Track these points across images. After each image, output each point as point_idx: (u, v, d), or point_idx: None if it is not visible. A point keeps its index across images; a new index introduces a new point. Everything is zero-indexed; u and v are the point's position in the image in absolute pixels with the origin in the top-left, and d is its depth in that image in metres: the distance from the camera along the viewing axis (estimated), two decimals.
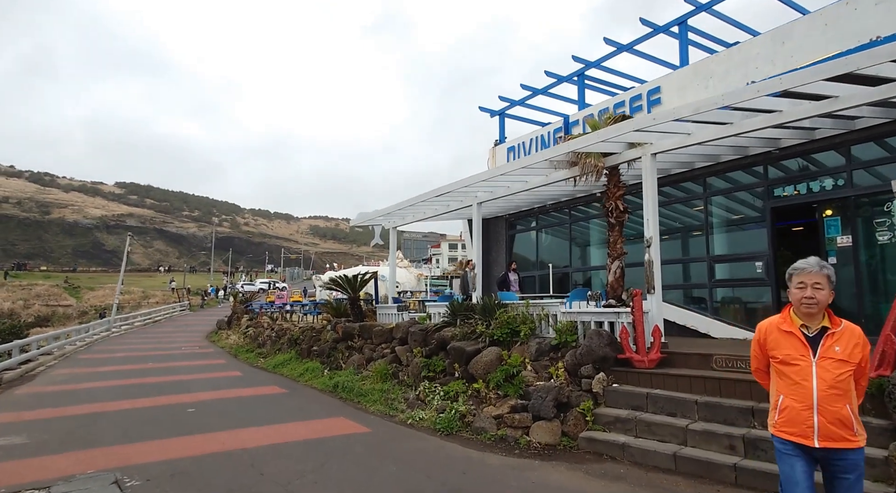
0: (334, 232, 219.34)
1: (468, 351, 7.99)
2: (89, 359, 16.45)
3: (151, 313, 36.12)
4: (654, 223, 7.04)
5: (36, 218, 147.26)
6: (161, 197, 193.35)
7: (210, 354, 17.81)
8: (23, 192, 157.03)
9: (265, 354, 16.10)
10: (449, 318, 9.39)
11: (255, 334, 19.07)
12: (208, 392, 9.84)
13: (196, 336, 24.36)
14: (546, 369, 7.04)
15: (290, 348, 14.74)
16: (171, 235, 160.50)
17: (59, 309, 48.02)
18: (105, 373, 13.06)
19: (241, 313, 25.51)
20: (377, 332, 10.86)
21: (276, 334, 16.84)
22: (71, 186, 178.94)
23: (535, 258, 14.63)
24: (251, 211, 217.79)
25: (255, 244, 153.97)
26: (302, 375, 11.66)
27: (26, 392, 10.39)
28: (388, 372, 9.54)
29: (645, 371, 6.23)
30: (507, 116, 15.80)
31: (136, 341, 22.92)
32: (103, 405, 8.55)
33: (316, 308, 19.33)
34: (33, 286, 52.42)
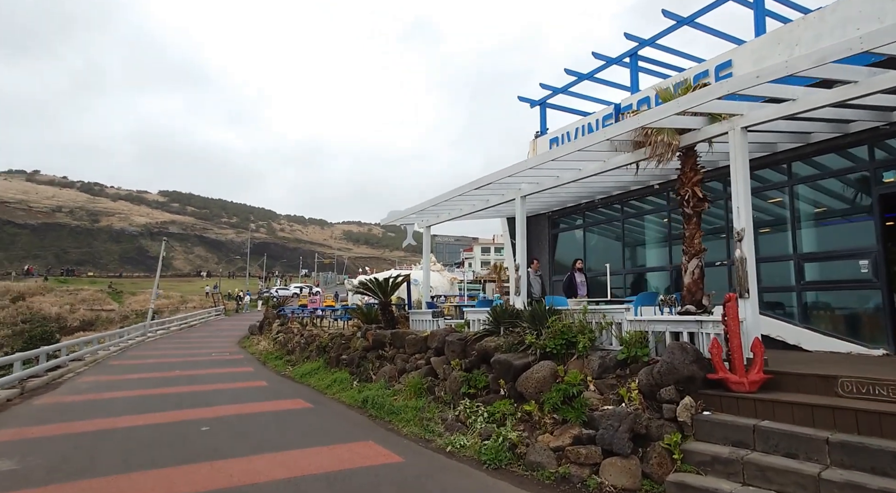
0: (367, 237, 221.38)
1: (516, 365, 6.85)
2: (119, 366, 16.08)
3: (187, 317, 36.34)
4: (747, 212, 5.74)
5: (86, 226, 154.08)
6: (201, 204, 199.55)
7: (238, 361, 17.21)
8: (74, 201, 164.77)
9: (293, 361, 15.35)
10: (491, 326, 8.27)
11: (284, 340, 18.40)
12: (228, 406, 9.02)
13: (228, 342, 23.99)
14: (613, 389, 5.83)
15: (319, 356, 13.91)
16: (211, 242, 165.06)
17: (103, 314, 49.22)
18: (130, 382, 12.52)
19: (272, 318, 25.04)
20: (410, 341, 9.84)
21: (305, 341, 16.09)
22: (118, 195, 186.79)
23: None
24: (286, 217, 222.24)
25: (290, 249, 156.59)
26: (329, 386, 10.76)
27: (44, 403, 9.84)
28: (422, 386, 8.49)
29: (745, 396, 4.95)
30: (549, 105, 14.58)
31: (170, 346, 22.69)
32: (114, 421, 7.82)
33: (346, 314, 18.53)
34: (79, 291, 54.04)
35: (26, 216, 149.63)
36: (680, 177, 6.64)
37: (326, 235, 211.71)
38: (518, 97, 14.82)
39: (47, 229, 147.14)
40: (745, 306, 5.51)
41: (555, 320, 7.07)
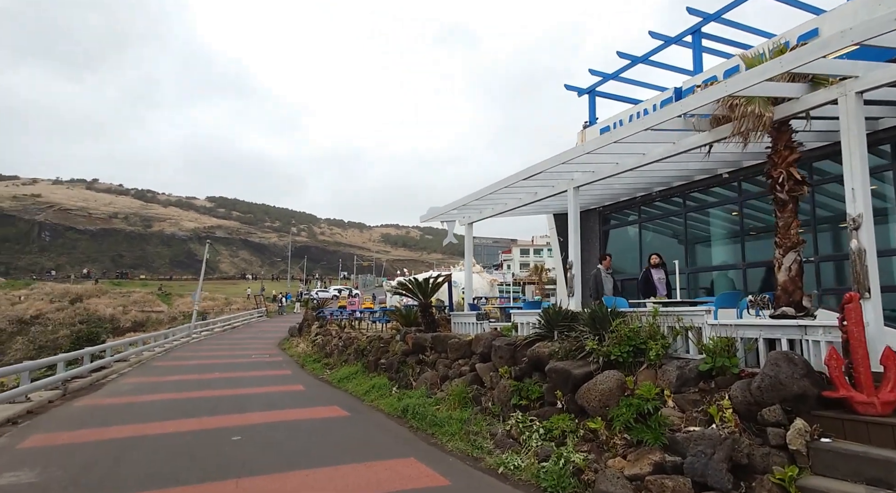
0: (405, 240, 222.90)
1: (575, 375, 6.02)
2: (162, 367, 16.11)
3: (231, 319, 36.94)
4: (865, 194, 4.72)
5: (139, 231, 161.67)
6: (246, 209, 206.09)
7: (277, 363, 16.96)
8: (129, 208, 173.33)
9: (331, 365, 14.93)
10: (543, 330, 7.45)
11: (323, 343, 18.07)
12: (262, 412, 8.56)
13: (268, 343, 23.99)
14: (697, 406, 4.92)
15: (357, 360, 13.40)
16: (255, 245, 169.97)
17: (153, 315, 50.95)
18: (169, 384, 12.36)
19: (311, 320, 24.88)
20: (453, 345, 9.12)
21: (343, 344, 15.65)
22: (169, 201, 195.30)
23: (635, 258, 12.30)
24: (327, 221, 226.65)
25: (329, 252, 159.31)
26: (368, 393, 10.17)
27: (84, 405, 9.69)
28: (467, 395, 7.76)
29: (877, 420, 3.97)
30: (598, 94, 13.61)
31: (212, 347, 22.85)
32: (146, 428, 7.45)
33: (384, 316, 18.02)
34: (131, 293, 56.22)
35: (86, 223, 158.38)
36: (771, 157, 5.64)
37: (365, 238, 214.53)
38: (565, 86, 13.91)
39: (105, 235, 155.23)
40: (867, 309, 4.51)
41: (619, 323, 6.19)
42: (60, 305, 50.46)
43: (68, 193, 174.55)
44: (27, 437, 6.93)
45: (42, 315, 48.34)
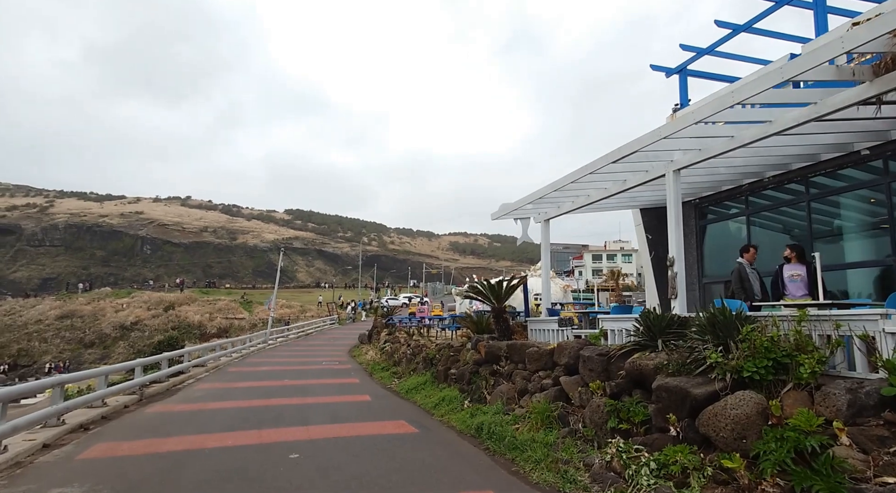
0: (473, 247, 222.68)
1: (695, 395, 4.78)
2: (236, 373, 16.26)
3: (304, 326, 37.81)
4: None
5: (226, 243, 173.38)
6: (320, 221, 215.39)
7: (346, 371, 16.61)
8: (217, 222, 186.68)
9: (399, 373, 14.28)
10: (642, 338, 6.21)
11: (391, 351, 17.54)
12: (325, 426, 7.93)
13: (339, 351, 23.96)
14: (887, 444, 3.56)
15: (426, 369, 12.63)
16: (329, 255, 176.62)
17: (235, 322, 53.65)
18: (239, 391, 12.23)
19: (381, 327, 24.60)
20: (532, 354, 8.04)
21: (411, 352, 14.97)
22: (252, 214, 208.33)
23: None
24: (396, 230, 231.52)
25: (399, 261, 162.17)
26: (437, 406, 9.31)
27: (154, 412, 9.60)
28: (551, 414, 6.66)
29: None
30: (690, 72, 12.04)
31: (285, 354, 23.14)
32: (205, 440, 7.03)
33: (454, 323, 17.19)
34: (217, 301, 59.67)
35: (180, 236, 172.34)
36: None
37: (434, 246, 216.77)
38: (651, 66, 12.46)
39: (196, 247, 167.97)
40: None
41: (751, 330, 4.87)
42: (156, 312, 54.50)
43: (165, 210, 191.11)
44: (90, 446, 6.71)
45: (140, 322, 52.43)
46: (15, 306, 56.67)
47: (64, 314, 52.93)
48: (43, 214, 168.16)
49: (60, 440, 7.05)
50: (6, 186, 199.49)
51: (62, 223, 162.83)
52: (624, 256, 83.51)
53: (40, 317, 52.44)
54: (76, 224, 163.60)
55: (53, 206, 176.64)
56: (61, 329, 50.82)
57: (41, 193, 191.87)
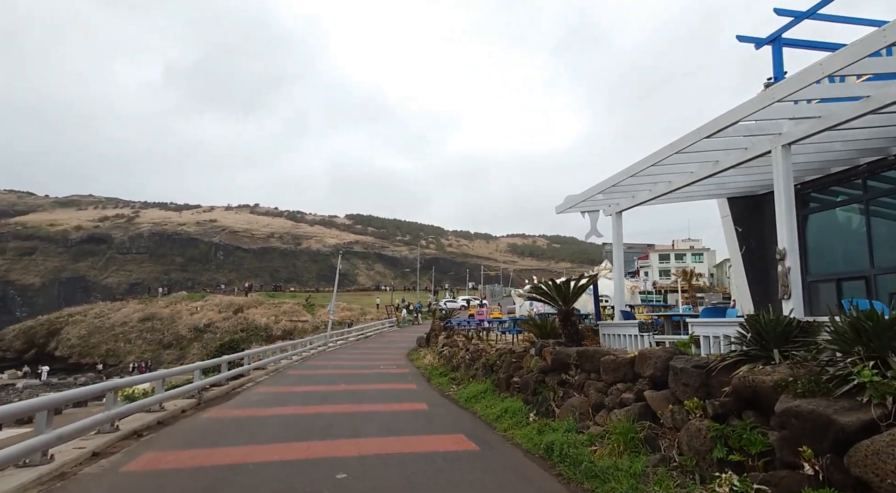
0: (531, 249, 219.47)
1: (842, 424, 3.65)
2: (294, 376, 16.15)
3: (364, 328, 38.01)
4: None
5: (291, 248, 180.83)
6: (379, 225, 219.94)
7: (403, 376, 16.08)
8: (283, 228, 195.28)
9: (458, 379, 13.52)
10: (752, 347, 5.08)
11: (449, 355, 16.83)
12: (377, 439, 7.30)
13: (397, 354, 23.58)
14: None
15: (486, 376, 11.79)
16: (388, 258, 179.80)
17: (299, 324, 55.16)
18: (295, 396, 11.95)
19: (438, 330, 24.01)
20: (608, 363, 7.01)
21: (470, 357, 14.18)
22: (315, 220, 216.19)
23: (853, 252, 9.00)
24: (454, 233, 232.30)
25: (457, 263, 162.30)
26: (500, 418, 8.45)
27: (209, 417, 9.39)
28: (635, 436, 5.63)
29: None
30: (786, 42, 10.46)
31: (344, 357, 23.06)
32: (252, 452, 6.59)
33: (515, 326, 16.25)
34: (282, 304, 61.71)
35: (250, 242, 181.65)
36: None
37: (491, 248, 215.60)
38: (737, 37, 10.96)
39: (264, 252, 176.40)
40: None
41: None
42: (226, 315, 57.07)
43: (236, 217, 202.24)
44: (138, 456, 6.43)
45: (212, 324, 55.04)
46: (104, 309, 61.31)
47: (145, 317, 56.57)
48: (130, 224, 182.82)
49: (111, 448, 6.85)
50: (98, 199, 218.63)
51: (146, 232, 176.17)
52: (694, 255, 78.60)
53: (125, 319, 56.33)
54: (158, 233, 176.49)
55: (139, 216, 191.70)
56: (143, 331, 54.31)
57: (128, 205, 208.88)
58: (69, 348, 53.40)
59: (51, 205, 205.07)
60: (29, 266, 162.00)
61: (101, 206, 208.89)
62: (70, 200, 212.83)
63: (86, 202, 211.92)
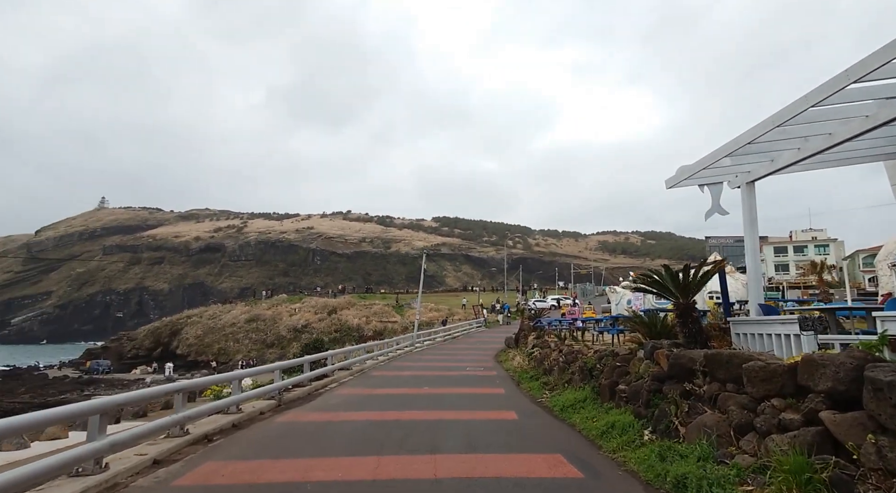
0: (624, 246, 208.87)
1: None
2: (378, 377, 15.62)
3: (451, 329, 37.36)
4: None
5: (381, 252, 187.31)
6: (466, 226, 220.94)
7: (491, 379, 14.90)
8: (373, 233, 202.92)
9: (551, 384, 12.08)
10: None
11: (540, 357, 15.37)
12: (457, 456, 6.18)
13: (484, 356, 22.46)
14: None
15: (584, 382, 10.25)
16: (475, 259, 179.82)
17: (389, 325, 56.04)
18: (376, 399, 11.26)
19: (528, 330, 22.52)
20: (755, 372, 5.29)
21: (564, 359, 12.64)
22: (403, 224, 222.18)
23: None
24: (541, 232, 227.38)
25: (545, 263, 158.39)
26: (605, 434, 6.98)
27: (283, 421, 8.88)
28: (815, 475, 3.97)
29: None
30: None
31: (430, 358, 22.38)
32: (315, 467, 5.78)
33: (615, 325, 14.44)
34: (372, 305, 63.24)
35: (343, 247, 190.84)
36: None
37: (581, 246, 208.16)
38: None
39: (357, 256, 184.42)
40: None
41: None
42: (321, 316, 59.55)
43: (330, 224, 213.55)
44: (197, 466, 5.87)
45: (309, 325, 57.68)
46: (216, 311, 66.77)
47: (251, 318, 60.66)
48: (239, 234, 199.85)
49: (175, 455, 6.39)
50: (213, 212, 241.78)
51: (253, 241, 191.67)
52: (818, 246, 69.15)
53: (233, 321, 60.81)
54: (263, 241, 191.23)
55: (247, 226, 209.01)
56: (249, 331, 58.24)
57: (238, 216, 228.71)
58: (188, 346, 58.62)
59: (175, 219, 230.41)
60: (159, 274, 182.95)
61: (216, 218, 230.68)
62: (190, 213, 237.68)
63: (203, 215, 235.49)
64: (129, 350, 64.64)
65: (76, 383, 49.41)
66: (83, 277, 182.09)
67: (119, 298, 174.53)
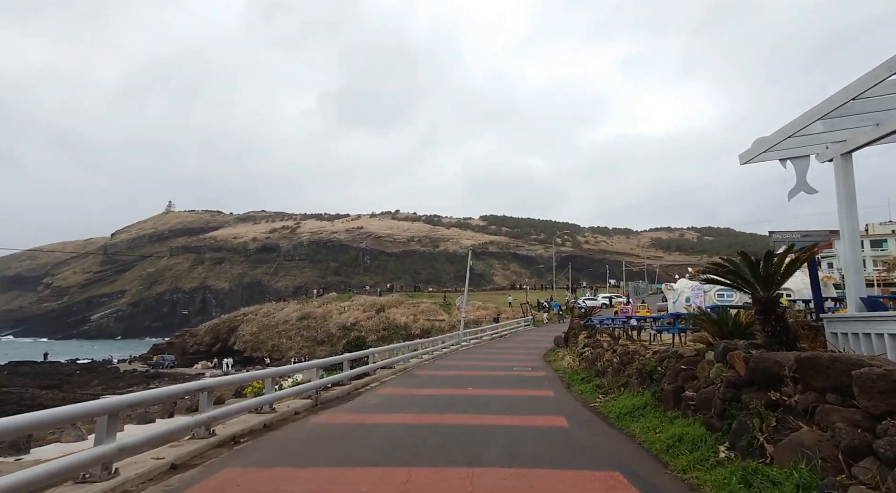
0: (679, 243, 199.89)
1: None
2: (420, 377, 15.07)
3: (498, 327, 36.47)
4: None
5: (430, 251, 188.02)
6: (513, 225, 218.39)
7: (539, 380, 14.00)
8: (421, 232, 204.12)
9: (604, 387, 11.06)
10: None
11: (592, 357, 14.29)
12: (500, 470, 5.42)
13: (532, 355, 21.49)
14: None
15: (643, 386, 9.22)
16: (523, 257, 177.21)
17: (436, 323, 55.70)
18: (415, 400, 10.68)
19: (578, 329, 21.35)
20: (871, 381, 4.22)
21: (619, 360, 11.58)
22: (451, 223, 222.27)
23: None
24: (590, 229, 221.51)
25: (595, 261, 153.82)
26: (670, 449, 6.02)
27: (317, 423, 8.42)
28: None
29: None
30: None
31: (476, 357, 21.66)
32: (338, 478, 5.22)
33: (676, 323, 13.18)
34: (420, 304, 63.15)
35: (392, 246, 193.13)
36: None
37: (633, 244, 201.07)
38: None
39: (405, 255, 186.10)
40: None
41: None
42: (370, 314, 60.02)
43: (380, 224, 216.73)
44: (215, 472, 5.44)
45: (358, 322, 58.25)
46: (270, 309, 68.80)
47: (302, 316, 62.00)
48: (293, 234, 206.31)
49: (196, 459, 6.00)
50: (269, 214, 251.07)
51: (306, 241, 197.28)
52: None
53: (286, 318, 62.36)
54: (316, 241, 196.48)
55: (300, 227, 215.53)
56: (300, 329, 59.52)
57: (292, 217, 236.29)
58: (244, 342, 60.66)
59: (234, 220, 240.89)
60: (220, 273, 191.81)
61: (271, 219, 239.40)
62: (248, 215, 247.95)
63: (259, 217, 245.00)
64: (191, 346, 67.71)
65: (143, 376, 52.13)
66: (153, 276, 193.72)
67: (185, 296, 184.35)
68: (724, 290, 20.42)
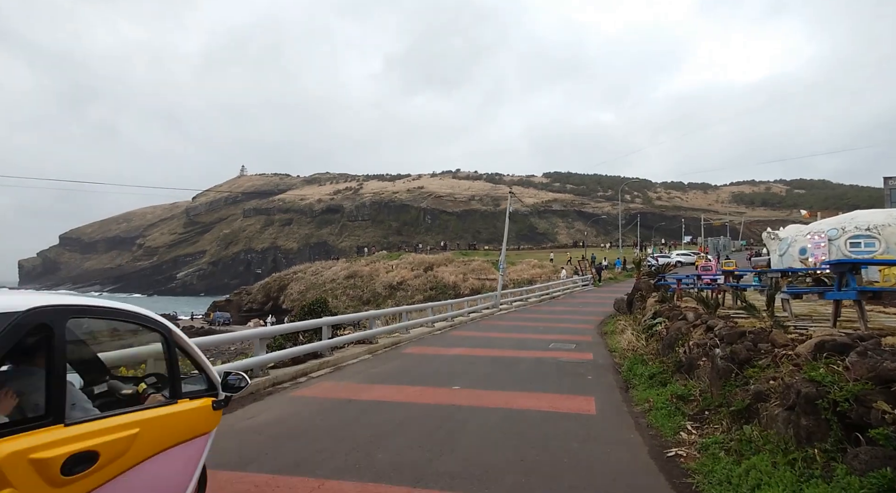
0: (764, 197, 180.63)
1: None
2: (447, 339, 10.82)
3: (549, 287, 31.52)
4: None
5: (490, 210, 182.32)
6: (578, 181, 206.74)
7: (581, 370, 9.22)
8: (482, 190, 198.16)
9: (695, 400, 6.07)
10: None
11: (669, 336, 9.13)
12: None
13: (585, 323, 16.59)
14: None
15: (812, 424, 4.21)
16: (588, 215, 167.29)
17: (487, 282, 51.39)
18: (427, 372, 6.52)
19: (647, 290, 16.10)
20: None
21: (725, 353, 6.46)
22: (512, 181, 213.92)
23: None
24: (663, 184, 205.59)
25: (668, 217, 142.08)
26: None
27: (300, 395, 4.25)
28: None
29: None
30: None
31: (514, 323, 17.12)
32: None
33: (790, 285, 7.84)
34: (471, 262, 59.05)
35: (453, 205, 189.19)
36: None
37: (711, 199, 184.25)
38: None
39: (466, 215, 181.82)
40: None
41: None
42: (417, 273, 56.74)
43: (440, 183, 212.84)
44: None
45: (404, 281, 55.24)
46: (319, 267, 67.51)
47: (349, 275, 59.91)
48: (356, 195, 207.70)
49: None
50: (333, 175, 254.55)
51: (368, 201, 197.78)
52: None
53: (333, 277, 60.60)
54: (377, 201, 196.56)
55: (363, 188, 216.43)
56: (347, 288, 57.48)
57: (355, 179, 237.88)
58: (291, 301, 59.68)
59: (301, 183, 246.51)
60: (289, 234, 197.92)
61: (335, 181, 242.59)
62: (314, 177, 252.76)
63: (324, 179, 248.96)
64: (246, 304, 68.23)
65: (199, 332, 52.60)
66: (228, 237, 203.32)
67: (257, 256, 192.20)
68: (862, 237, 14.37)
